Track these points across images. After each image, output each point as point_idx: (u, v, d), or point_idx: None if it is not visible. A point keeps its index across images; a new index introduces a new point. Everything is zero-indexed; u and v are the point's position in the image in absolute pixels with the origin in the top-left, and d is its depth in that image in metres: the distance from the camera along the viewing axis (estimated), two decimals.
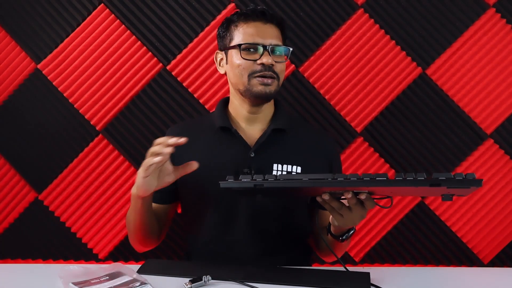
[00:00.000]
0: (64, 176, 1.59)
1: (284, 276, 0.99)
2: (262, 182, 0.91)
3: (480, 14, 1.53)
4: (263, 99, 1.15)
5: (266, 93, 1.13)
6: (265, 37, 1.12)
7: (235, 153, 1.15)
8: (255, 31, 1.13)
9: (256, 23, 1.14)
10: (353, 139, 1.57)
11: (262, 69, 1.11)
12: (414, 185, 0.83)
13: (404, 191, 0.98)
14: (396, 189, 0.89)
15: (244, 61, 1.12)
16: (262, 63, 1.11)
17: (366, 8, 1.54)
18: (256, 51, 1.12)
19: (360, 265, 1.59)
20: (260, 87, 1.12)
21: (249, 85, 1.13)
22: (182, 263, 1.23)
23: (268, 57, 1.11)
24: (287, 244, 1.19)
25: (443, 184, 0.81)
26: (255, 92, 1.13)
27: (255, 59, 1.11)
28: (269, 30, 1.14)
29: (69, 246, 1.61)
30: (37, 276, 1.00)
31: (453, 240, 1.58)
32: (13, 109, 1.58)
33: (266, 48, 1.11)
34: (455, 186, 0.81)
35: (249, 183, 0.92)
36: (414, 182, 0.82)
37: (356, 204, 0.93)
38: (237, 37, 1.14)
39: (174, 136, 1.21)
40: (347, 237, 1.07)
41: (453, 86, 1.55)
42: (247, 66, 1.12)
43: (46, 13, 1.56)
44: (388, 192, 0.92)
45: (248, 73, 1.12)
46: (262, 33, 1.13)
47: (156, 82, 1.57)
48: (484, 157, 1.56)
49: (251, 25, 1.14)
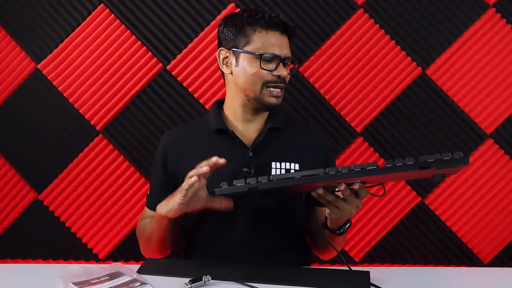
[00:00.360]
0: (64, 176, 1.59)
1: (284, 275, 0.99)
2: (256, 185, 0.91)
3: (480, 14, 1.53)
4: (271, 109, 1.18)
5: (276, 104, 1.16)
6: (283, 49, 1.13)
7: (233, 154, 1.15)
8: (276, 42, 1.13)
9: (275, 33, 1.14)
10: (353, 139, 1.57)
11: (277, 80, 1.13)
12: (405, 170, 0.84)
13: (396, 177, 0.99)
14: (387, 176, 0.91)
15: (261, 71, 1.12)
16: (279, 75, 1.12)
17: (366, 8, 1.54)
18: (271, 61, 1.13)
19: (360, 265, 1.59)
20: (272, 99, 1.14)
21: (260, 94, 1.14)
22: (182, 263, 1.23)
23: (284, 69, 1.13)
24: (286, 244, 1.19)
25: (432, 165, 0.83)
26: (266, 103, 1.15)
27: (271, 70, 1.12)
28: (285, 42, 1.15)
29: (69, 246, 1.61)
30: (37, 276, 1.00)
31: (453, 240, 1.58)
32: (13, 109, 1.58)
33: (284, 61, 1.13)
34: (443, 166, 0.83)
35: (243, 188, 0.93)
36: (404, 167, 0.84)
37: (351, 195, 0.94)
38: (256, 43, 1.13)
39: (172, 142, 1.23)
40: (344, 230, 1.07)
41: (453, 86, 1.56)
42: (263, 75, 1.13)
43: (46, 13, 1.56)
44: (381, 179, 0.94)
45: (262, 82, 1.13)
46: (280, 44, 1.13)
47: (156, 82, 1.57)
48: (484, 157, 1.56)
49: (271, 34, 1.13)
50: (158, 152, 1.26)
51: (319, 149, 1.22)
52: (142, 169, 1.58)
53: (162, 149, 1.25)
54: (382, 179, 0.94)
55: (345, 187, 0.92)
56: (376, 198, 1.57)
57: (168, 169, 1.21)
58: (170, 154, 1.22)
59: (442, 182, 1.57)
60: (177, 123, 1.57)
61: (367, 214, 1.58)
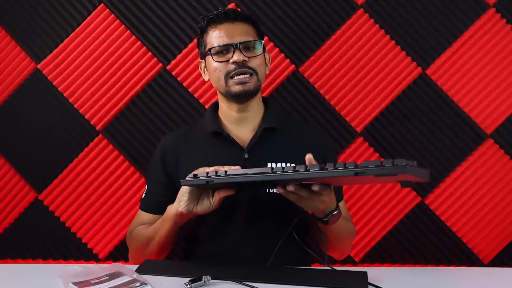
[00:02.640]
0: (64, 176, 1.59)
1: (283, 275, 0.99)
2: (213, 179, 0.95)
3: (480, 14, 1.53)
4: (244, 96, 1.17)
5: (245, 90, 1.15)
6: (234, 36, 1.14)
7: (229, 156, 1.16)
8: (223, 33, 1.15)
9: (223, 25, 1.16)
10: (353, 139, 1.57)
11: (236, 67, 1.13)
12: (342, 175, 0.83)
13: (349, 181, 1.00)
14: (336, 179, 0.90)
15: (218, 64, 1.14)
16: (234, 61, 1.12)
17: (366, 8, 1.54)
18: (228, 52, 1.14)
19: (360, 265, 1.59)
20: (238, 87, 1.14)
21: (227, 86, 1.15)
22: (180, 263, 1.23)
23: (240, 54, 1.12)
24: (286, 244, 1.19)
25: (368, 172, 0.79)
26: (234, 92, 1.15)
27: (228, 60, 1.13)
28: (237, 29, 1.15)
29: (69, 246, 1.61)
30: (37, 276, 1.00)
31: (453, 240, 1.58)
32: (13, 109, 1.58)
33: (236, 46, 1.13)
34: (380, 173, 0.78)
35: (201, 180, 0.97)
36: (342, 172, 0.82)
37: (312, 194, 0.94)
38: (209, 43, 1.17)
39: (170, 146, 1.24)
40: (328, 218, 1.06)
41: (453, 86, 1.55)
42: (221, 68, 1.14)
43: (46, 13, 1.56)
44: (330, 181, 0.94)
45: (224, 75, 1.14)
46: (229, 33, 1.15)
47: (156, 82, 1.57)
48: (484, 157, 1.56)
49: (218, 28, 1.16)
50: (155, 157, 1.26)
51: (317, 149, 1.22)
52: (142, 169, 1.58)
53: (160, 153, 1.25)
54: (330, 181, 0.94)
55: (296, 188, 0.92)
56: (376, 198, 1.57)
57: (168, 172, 1.22)
58: (168, 157, 1.22)
59: (442, 182, 1.57)
60: (177, 123, 1.57)
61: (367, 214, 1.58)
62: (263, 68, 1.19)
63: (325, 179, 0.90)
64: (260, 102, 1.24)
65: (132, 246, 1.23)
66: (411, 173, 0.77)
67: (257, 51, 1.16)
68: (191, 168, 1.05)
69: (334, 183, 0.99)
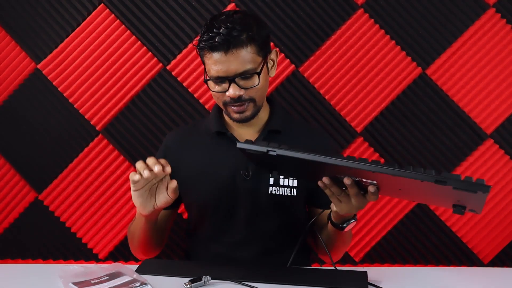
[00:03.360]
0: (64, 176, 1.59)
1: (283, 276, 0.99)
2: (275, 149, 0.89)
3: (480, 14, 1.53)
4: (243, 122, 1.16)
5: (243, 119, 1.13)
6: (229, 68, 1.06)
7: (232, 156, 1.15)
8: (218, 64, 1.07)
9: (218, 53, 1.06)
10: (353, 139, 1.57)
11: (231, 100, 1.10)
12: (421, 178, 0.79)
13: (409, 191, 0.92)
14: (403, 185, 0.85)
15: (215, 93, 1.12)
16: (230, 96, 1.09)
17: (366, 8, 1.54)
18: (223, 82, 1.09)
19: (360, 265, 1.59)
20: (236, 115, 1.13)
21: (227, 112, 1.15)
22: (180, 262, 1.23)
23: (235, 88, 1.07)
24: (286, 244, 1.19)
25: (449, 183, 0.77)
26: (233, 119, 1.14)
27: (225, 90, 1.09)
28: (231, 59, 1.06)
29: (69, 246, 1.61)
30: (37, 276, 1.00)
31: (453, 240, 1.58)
32: (13, 109, 1.58)
33: (231, 80, 1.07)
34: (460, 187, 0.77)
35: (262, 148, 0.90)
36: (421, 176, 0.79)
37: (357, 195, 0.91)
38: (207, 66, 1.11)
39: (173, 143, 1.23)
40: (346, 225, 1.06)
41: (453, 86, 1.55)
42: (218, 96, 1.12)
43: (46, 13, 1.56)
44: (395, 187, 0.89)
45: (222, 103, 1.13)
46: (224, 64, 1.06)
47: (156, 82, 1.57)
48: (484, 157, 1.56)
49: (214, 56, 1.07)
50: (158, 153, 1.26)
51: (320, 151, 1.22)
52: None
53: (162, 150, 1.25)
54: (395, 186, 0.88)
55: (351, 183, 0.88)
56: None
57: None
58: (170, 155, 1.22)
59: None
60: (177, 123, 1.57)
61: (367, 214, 1.58)
62: (263, 90, 1.14)
63: (390, 181, 0.85)
64: (266, 107, 1.23)
65: (129, 241, 1.25)
66: (485, 197, 0.76)
67: (255, 81, 1.09)
68: (193, 166, 1.05)
69: (386, 191, 0.92)
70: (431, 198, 0.98)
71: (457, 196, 0.81)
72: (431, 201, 1.09)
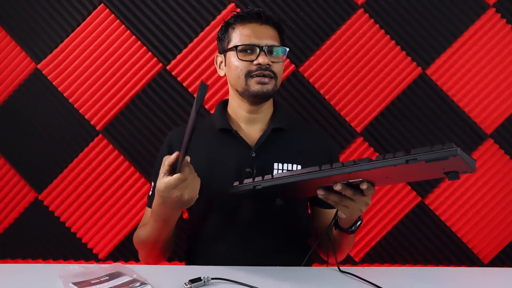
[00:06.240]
0: (64, 176, 1.59)
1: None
2: (259, 183, 0.96)
3: (480, 14, 1.53)
4: (261, 97, 1.16)
5: (263, 92, 1.14)
6: (261, 38, 1.14)
7: (236, 154, 1.15)
8: (251, 32, 1.15)
9: (252, 25, 1.16)
10: (353, 139, 1.57)
11: (258, 68, 1.13)
12: (392, 164, 0.81)
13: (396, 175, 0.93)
14: (386, 173, 0.87)
15: (241, 62, 1.14)
16: (259, 63, 1.13)
17: (366, 8, 1.54)
18: (252, 52, 1.14)
19: (360, 265, 1.59)
20: (258, 86, 1.14)
21: (246, 85, 1.15)
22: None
23: (265, 57, 1.13)
24: (287, 245, 1.19)
25: (420, 158, 0.78)
26: (253, 92, 1.14)
27: (252, 60, 1.13)
28: (265, 31, 1.15)
29: (69, 246, 1.61)
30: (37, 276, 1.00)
31: (453, 240, 1.58)
32: (13, 109, 1.58)
33: (262, 48, 1.13)
34: (431, 159, 0.78)
35: (248, 186, 0.98)
36: (392, 161, 0.80)
37: (355, 194, 0.93)
38: (234, 39, 1.16)
39: (177, 140, 1.23)
40: (355, 228, 1.07)
41: (453, 86, 1.56)
42: (244, 66, 1.14)
43: (46, 13, 1.56)
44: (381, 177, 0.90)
45: (245, 74, 1.14)
46: (258, 34, 1.14)
47: (156, 82, 1.57)
48: (484, 157, 1.56)
49: (247, 27, 1.16)
50: (162, 150, 1.25)
51: (323, 150, 1.22)
52: (142, 169, 1.58)
53: (166, 147, 1.24)
54: (382, 176, 0.90)
55: (342, 187, 0.90)
56: (376, 198, 1.57)
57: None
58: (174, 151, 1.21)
59: (442, 182, 1.57)
60: (177, 123, 1.57)
61: (367, 214, 1.58)
62: (281, 74, 1.20)
63: (372, 174, 0.86)
64: (270, 105, 1.24)
65: (136, 247, 1.21)
66: (462, 157, 0.76)
67: (280, 57, 1.17)
68: (197, 164, 1.04)
69: (378, 182, 0.94)
70: (420, 175, 0.98)
71: (439, 166, 0.81)
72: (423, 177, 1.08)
